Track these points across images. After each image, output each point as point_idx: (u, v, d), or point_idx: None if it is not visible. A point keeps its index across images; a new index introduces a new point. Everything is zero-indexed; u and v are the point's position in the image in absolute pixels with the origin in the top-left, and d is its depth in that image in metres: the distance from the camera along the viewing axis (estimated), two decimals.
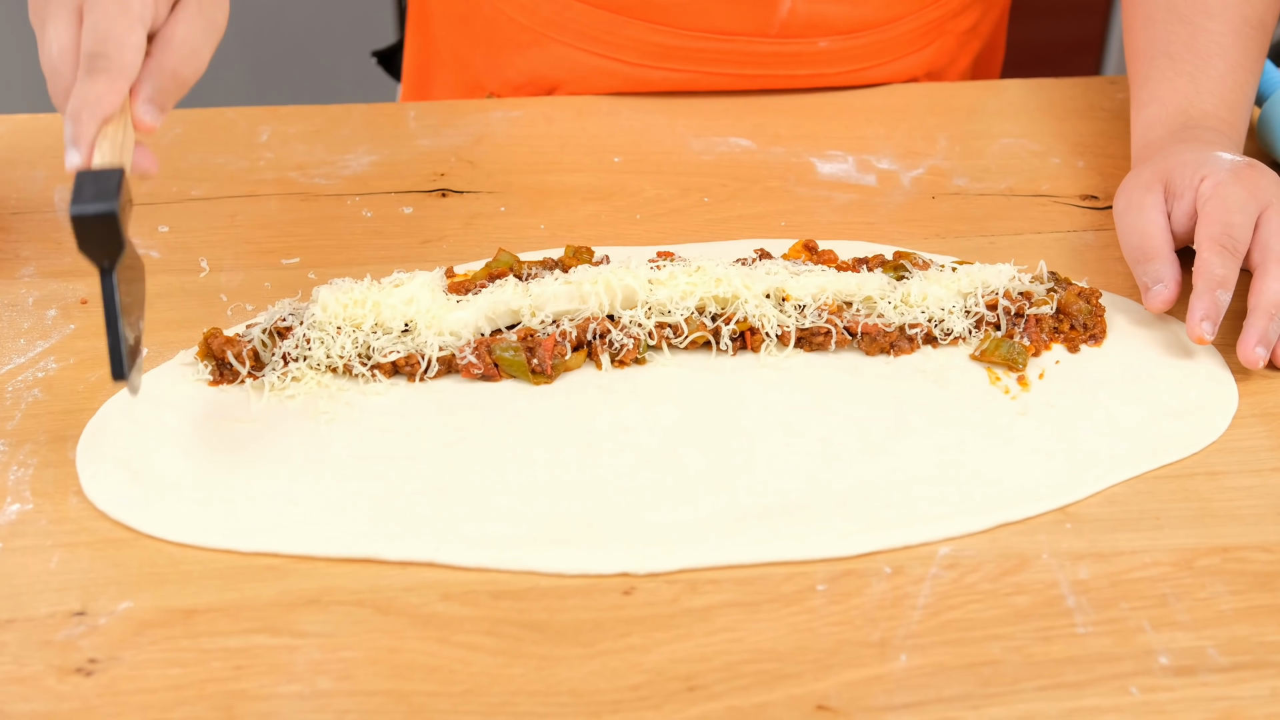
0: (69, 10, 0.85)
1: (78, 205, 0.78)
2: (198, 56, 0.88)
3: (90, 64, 0.83)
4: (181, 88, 0.87)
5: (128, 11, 0.83)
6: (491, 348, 0.96)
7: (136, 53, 0.84)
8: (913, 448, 0.91)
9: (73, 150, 0.82)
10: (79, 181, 0.79)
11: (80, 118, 0.81)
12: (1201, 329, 0.96)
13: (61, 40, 0.85)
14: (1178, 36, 1.15)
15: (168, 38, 0.87)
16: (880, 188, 1.21)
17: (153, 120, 0.85)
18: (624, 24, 1.31)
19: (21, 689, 0.74)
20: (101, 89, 0.82)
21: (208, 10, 0.89)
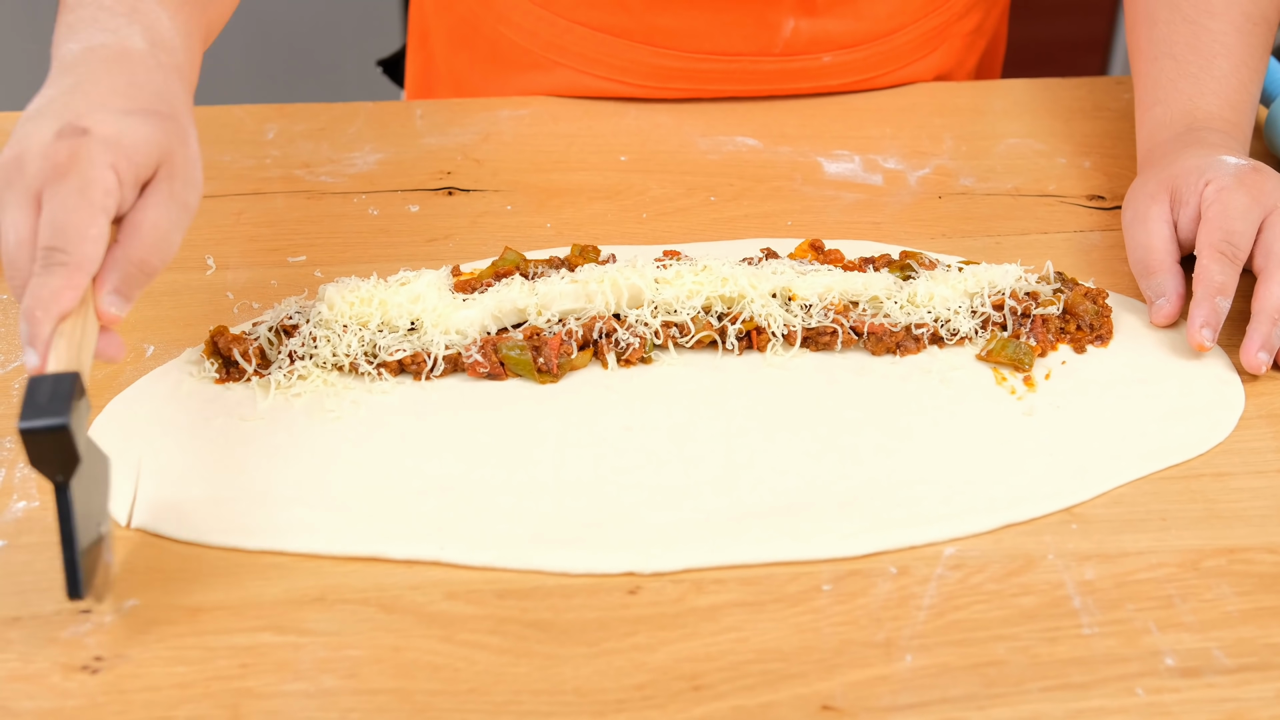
0: (26, 197, 0.78)
1: (27, 419, 0.72)
2: (167, 243, 0.82)
3: (47, 258, 0.76)
4: (149, 277, 0.81)
5: (89, 201, 0.77)
6: (498, 346, 0.96)
7: (97, 245, 0.78)
8: (918, 448, 0.91)
9: (30, 351, 0.76)
10: (29, 390, 0.73)
11: (35, 316, 0.76)
12: (1201, 336, 0.97)
13: (19, 230, 0.78)
14: (1181, 36, 1.15)
15: (136, 224, 0.81)
16: (887, 187, 1.21)
17: (118, 312, 0.79)
18: (626, 47, 1.30)
19: (27, 686, 0.74)
20: (58, 285, 0.76)
21: (179, 194, 0.83)
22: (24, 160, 0.79)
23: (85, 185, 0.77)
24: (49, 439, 0.72)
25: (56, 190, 0.78)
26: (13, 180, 0.79)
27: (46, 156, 0.78)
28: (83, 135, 0.78)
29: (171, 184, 0.82)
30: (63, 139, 0.78)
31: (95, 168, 0.78)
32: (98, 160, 0.78)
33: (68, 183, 0.77)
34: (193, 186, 0.84)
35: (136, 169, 0.80)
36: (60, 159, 0.78)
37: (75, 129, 0.79)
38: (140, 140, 0.80)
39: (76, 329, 0.77)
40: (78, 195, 0.77)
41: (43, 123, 0.80)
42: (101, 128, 0.79)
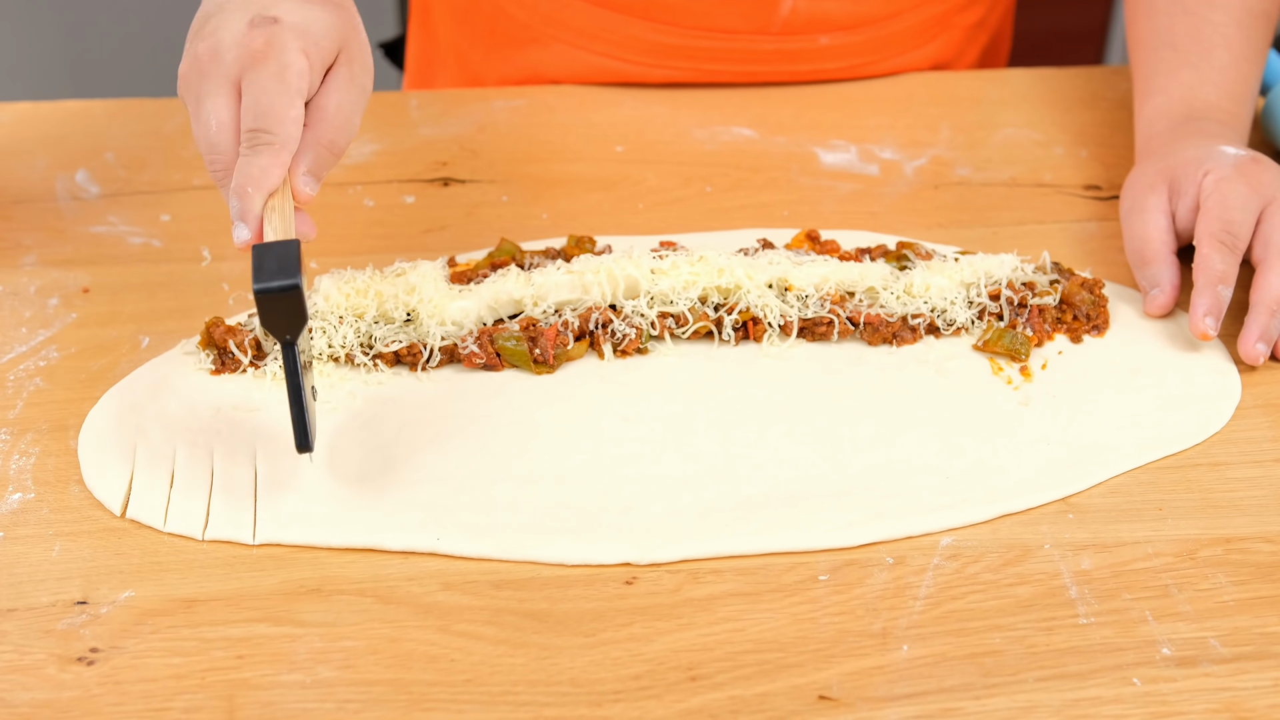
0: (226, 85, 0.84)
1: (261, 281, 0.77)
2: (351, 125, 0.87)
3: (253, 139, 0.82)
4: (336, 157, 0.87)
5: (287, 85, 0.83)
6: (494, 337, 0.96)
7: (297, 125, 0.83)
8: (915, 438, 0.91)
9: (241, 225, 0.82)
10: (258, 256, 0.78)
11: (246, 193, 0.82)
12: (1205, 324, 0.97)
13: (220, 115, 0.84)
14: (1181, 27, 1.15)
15: (322, 108, 0.86)
16: (883, 177, 1.21)
17: (312, 191, 0.85)
18: (625, 22, 1.30)
19: (23, 678, 0.74)
20: (265, 163, 0.82)
21: (358, 78, 0.88)
22: (220, 50, 0.84)
23: (282, 69, 0.83)
24: (282, 299, 0.77)
25: (256, 76, 0.83)
26: (210, 70, 0.84)
27: (243, 45, 0.83)
28: (275, 23, 0.84)
29: (351, 68, 0.88)
30: (256, 28, 0.84)
31: (289, 53, 0.83)
32: (291, 46, 0.83)
33: (266, 68, 0.83)
34: (368, 71, 0.89)
35: (323, 54, 0.86)
36: (256, 46, 0.83)
37: (266, 18, 0.84)
38: (324, 27, 0.86)
39: (283, 205, 0.82)
40: (276, 79, 0.83)
41: (231, 15, 0.85)
42: (290, 16, 0.85)
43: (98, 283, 1.05)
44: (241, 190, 0.82)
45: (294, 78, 0.83)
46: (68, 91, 2.50)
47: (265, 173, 0.82)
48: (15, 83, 2.50)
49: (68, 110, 1.29)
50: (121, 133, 1.25)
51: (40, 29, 2.44)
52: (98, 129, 1.26)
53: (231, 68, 0.84)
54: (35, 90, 2.48)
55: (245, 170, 0.82)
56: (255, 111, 0.82)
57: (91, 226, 1.12)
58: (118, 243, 1.10)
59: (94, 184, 1.17)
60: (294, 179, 0.85)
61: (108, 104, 1.30)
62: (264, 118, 0.82)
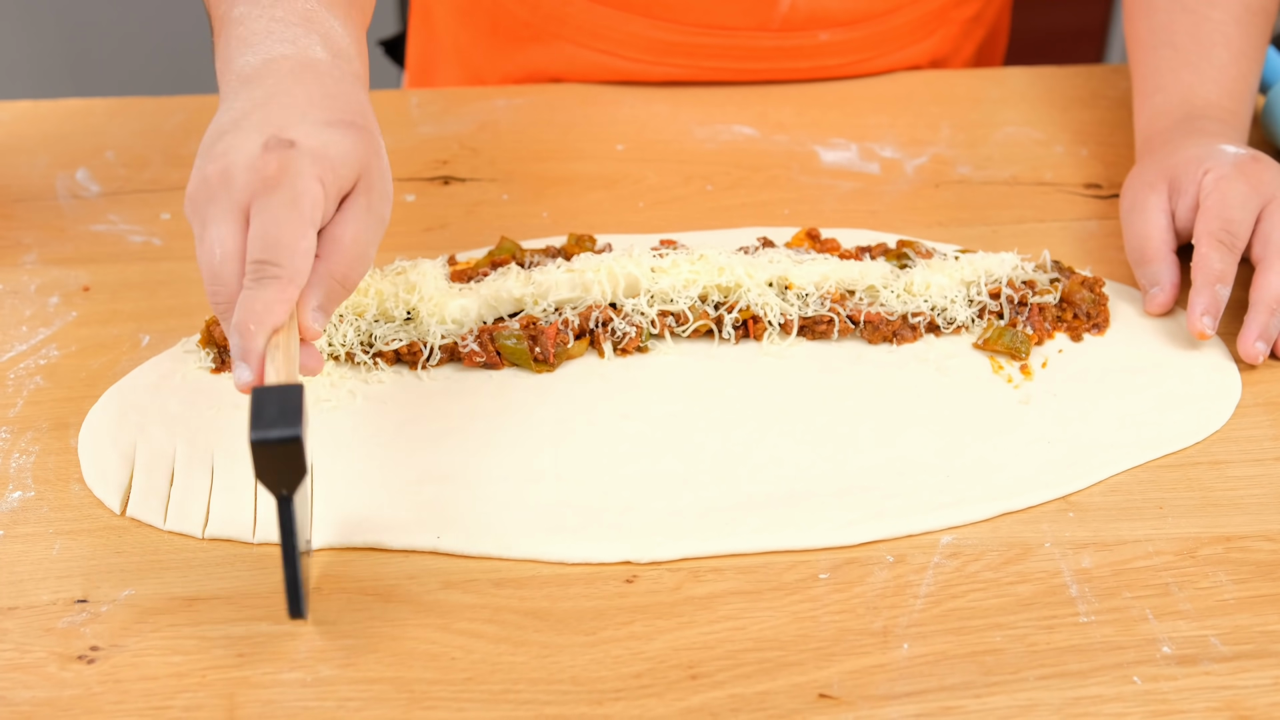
0: (234, 211, 0.78)
1: (259, 430, 0.71)
2: (366, 258, 0.81)
3: (259, 271, 0.76)
4: (349, 292, 0.81)
5: (299, 215, 0.77)
6: (494, 336, 0.96)
7: (307, 258, 0.77)
8: (915, 436, 0.91)
9: (242, 366, 0.76)
10: (257, 401, 0.72)
11: (248, 330, 0.75)
12: (1202, 324, 0.97)
13: (225, 245, 0.77)
14: (1181, 25, 1.15)
15: (336, 239, 0.80)
16: (883, 176, 1.21)
17: (320, 328, 0.80)
18: (625, 20, 1.30)
19: (23, 676, 0.74)
20: (270, 298, 0.76)
21: (376, 207, 0.82)
22: (231, 173, 0.77)
23: (295, 198, 0.77)
24: (280, 451, 0.71)
25: (267, 203, 0.77)
26: (218, 194, 0.78)
27: (255, 169, 0.77)
28: (290, 148, 0.77)
29: (369, 197, 0.81)
30: (270, 151, 0.77)
31: (304, 179, 0.77)
32: (306, 172, 0.77)
33: (278, 195, 0.77)
34: (386, 199, 0.83)
35: (340, 182, 0.79)
36: (269, 171, 0.77)
37: (282, 141, 0.78)
38: (343, 153, 0.79)
39: (287, 343, 0.77)
40: (288, 208, 0.76)
41: (245, 135, 0.78)
42: (307, 140, 0.78)
43: (98, 281, 1.05)
44: (243, 327, 0.76)
45: (308, 207, 0.77)
46: (68, 90, 2.50)
47: (269, 309, 0.76)
48: (16, 81, 2.50)
49: (68, 109, 1.29)
50: (122, 131, 1.25)
51: (41, 28, 2.45)
52: (98, 127, 1.26)
53: (241, 193, 0.77)
54: (36, 89, 2.48)
55: (248, 305, 0.76)
56: (263, 242, 0.76)
57: (92, 225, 1.12)
58: (118, 241, 1.10)
59: (94, 182, 1.17)
60: (302, 314, 0.79)
61: (108, 102, 1.30)
62: (272, 249, 0.76)
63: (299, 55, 0.84)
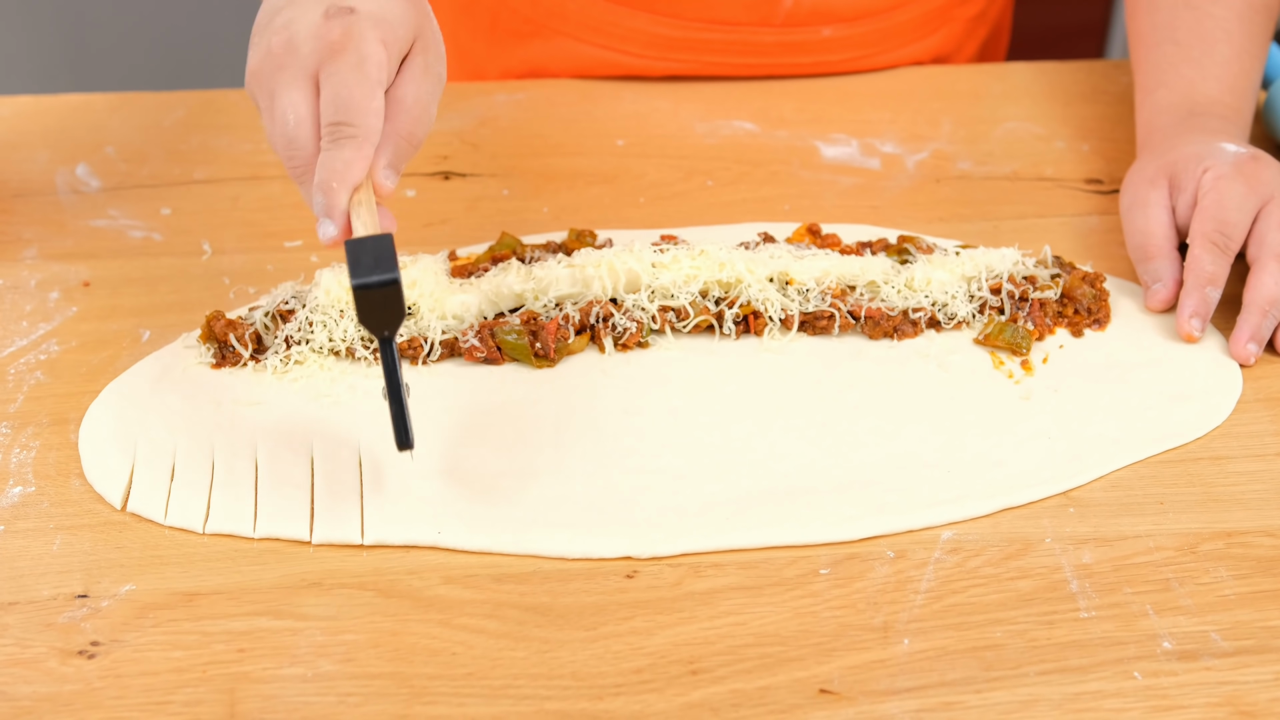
0: (303, 78, 0.81)
1: (359, 276, 0.76)
2: (428, 115, 0.85)
3: (335, 132, 0.80)
4: (415, 149, 0.85)
5: (366, 77, 0.80)
6: (494, 331, 0.95)
7: (379, 117, 0.81)
8: (916, 432, 0.91)
9: (327, 222, 0.80)
10: (354, 252, 0.77)
11: (331, 188, 0.79)
12: (1190, 326, 0.97)
13: (298, 110, 0.81)
14: (1183, 22, 1.15)
15: (400, 99, 0.84)
16: (884, 171, 1.21)
17: (392, 185, 0.83)
18: (627, 15, 1.30)
19: (24, 671, 0.74)
20: (350, 157, 0.80)
21: (433, 66, 0.86)
22: (296, 42, 0.81)
23: (361, 61, 0.81)
24: (380, 294, 0.76)
25: (336, 67, 0.80)
26: (286, 62, 0.81)
27: (320, 36, 0.81)
28: (351, 13, 0.81)
29: (426, 57, 0.85)
30: (333, 18, 0.81)
31: (368, 43, 0.81)
32: (369, 36, 0.81)
33: (345, 59, 0.80)
34: (441, 59, 0.87)
35: (399, 43, 0.83)
36: (334, 37, 0.81)
37: (343, 8, 0.82)
38: (399, 16, 0.83)
39: (365, 199, 0.80)
40: (356, 71, 0.80)
41: (304, 6, 0.82)
42: (366, 5, 0.82)
43: (98, 276, 1.05)
44: (326, 185, 0.80)
45: (374, 69, 0.81)
46: (68, 85, 2.49)
47: (350, 166, 0.80)
48: (16, 76, 2.50)
49: (68, 104, 1.29)
50: (122, 126, 1.25)
51: (41, 22, 2.44)
52: (98, 123, 1.25)
53: (309, 60, 0.81)
54: (36, 84, 2.47)
55: (329, 165, 0.80)
56: (336, 104, 0.80)
57: (92, 220, 1.12)
58: (118, 236, 1.10)
59: (94, 177, 1.17)
60: (375, 173, 0.83)
61: (108, 97, 1.30)
62: (346, 110, 0.80)
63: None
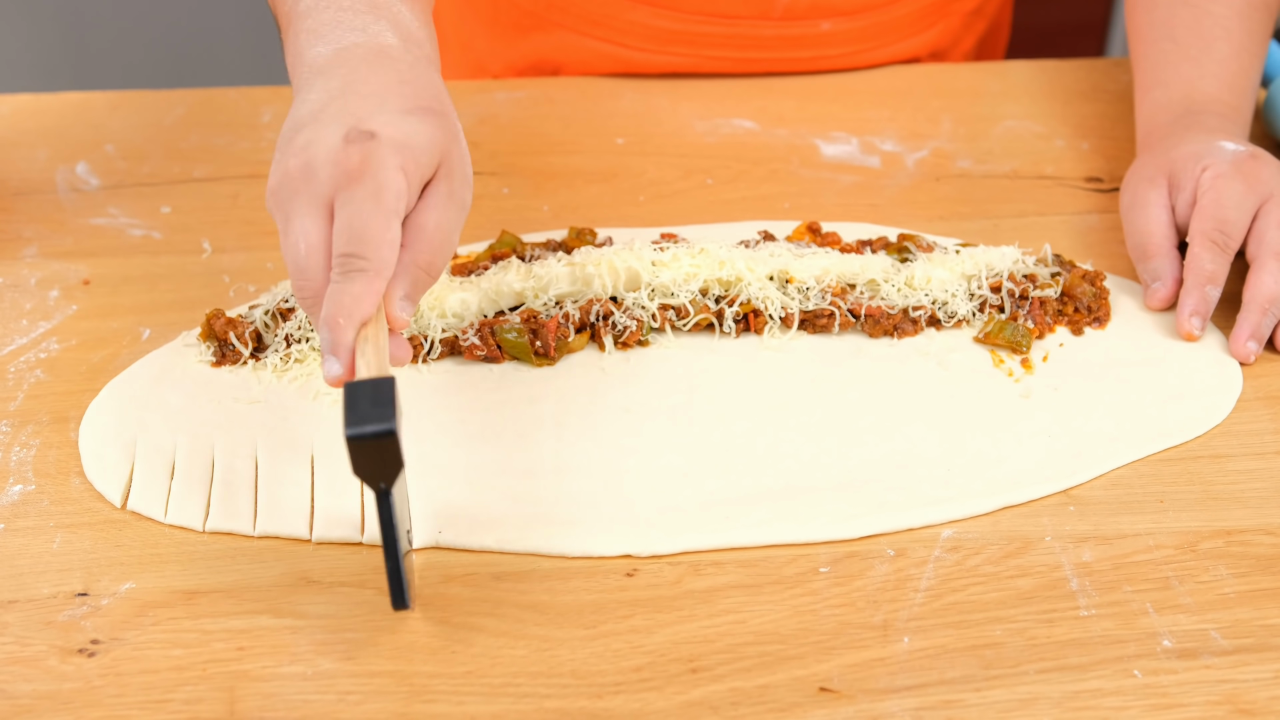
0: (318, 204, 0.77)
1: (354, 425, 0.71)
2: (450, 244, 0.81)
3: (346, 265, 0.76)
4: (433, 279, 0.81)
5: (384, 206, 0.76)
6: (494, 329, 0.95)
7: (393, 249, 0.77)
8: (916, 430, 0.91)
9: (332, 360, 0.75)
10: (351, 396, 0.72)
11: (337, 324, 0.75)
12: (1190, 325, 0.97)
13: (310, 238, 0.77)
14: (1182, 20, 1.15)
15: (420, 227, 0.79)
16: (884, 170, 1.20)
17: (408, 317, 0.79)
18: (627, 8, 1.30)
19: (24, 669, 0.74)
20: (359, 291, 0.75)
21: (457, 193, 0.81)
22: (313, 167, 0.77)
23: (379, 190, 0.76)
24: (375, 445, 0.71)
25: (351, 196, 0.76)
26: (301, 188, 0.77)
27: (337, 163, 0.77)
28: (371, 139, 0.77)
29: (450, 183, 0.81)
30: (352, 143, 0.77)
31: (387, 171, 0.77)
32: (389, 163, 0.77)
33: (362, 188, 0.76)
34: (467, 184, 0.83)
35: (421, 170, 0.79)
36: (352, 164, 0.76)
37: (363, 133, 0.77)
38: (424, 141, 0.79)
39: (376, 336, 0.76)
40: (373, 200, 0.76)
41: (325, 127, 0.78)
42: (388, 130, 0.78)
43: (98, 275, 1.05)
44: (333, 321, 0.75)
45: (391, 199, 0.77)
46: (68, 83, 2.49)
47: (358, 302, 0.75)
48: (15, 75, 2.50)
49: (68, 102, 1.28)
50: (122, 125, 1.25)
51: (40, 21, 2.44)
52: (98, 121, 1.25)
53: (324, 186, 0.77)
54: (35, 82, 2.47)
55: (337, 299, 0.75)
56: (349, 235, 0.76)
57: (92, 218, 1.12)
58: (118, 235, 1.10)
59: (94, 176, 1.17)
60: (389, 305, 0.78)
61: (108, 96, 1.30)
62: (358, 242, 0.76)
63: (371, 43, 0.84)
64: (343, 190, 0.77)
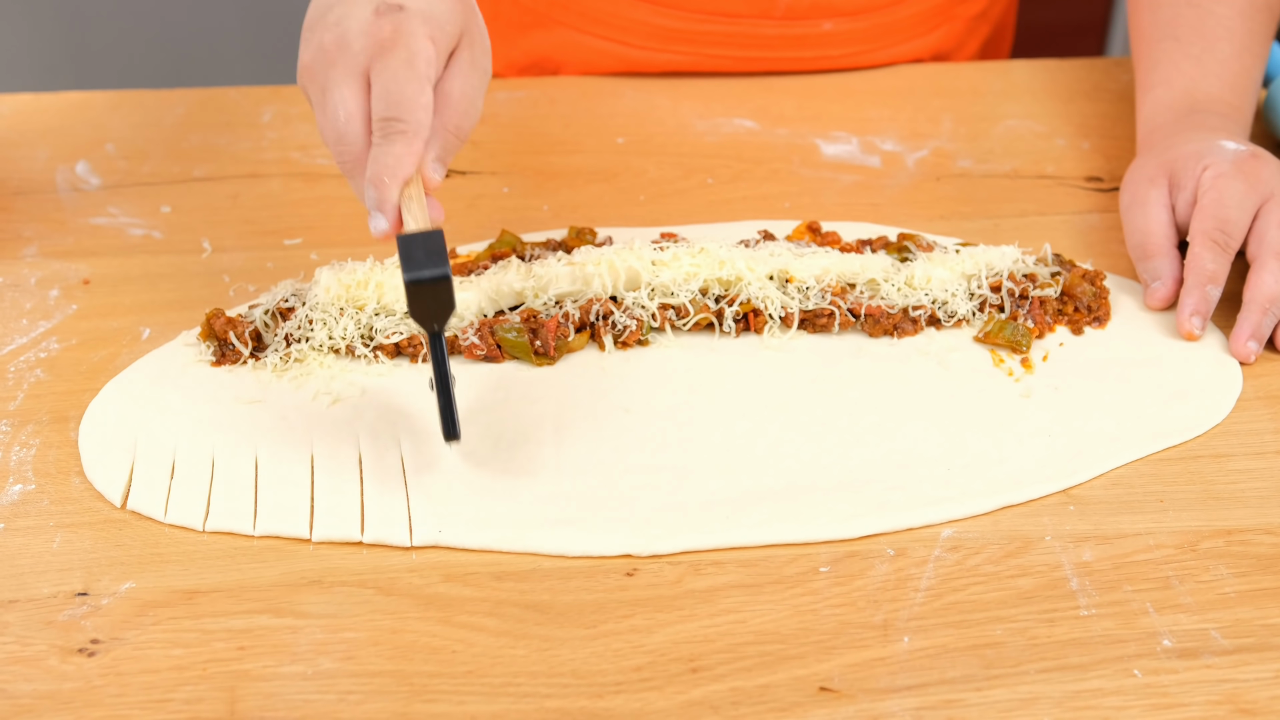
0: (354, 74, 0.83)
1: (411, 270, 0.78)
2: (474, 109, 0.87)
3: (386, 128, 0.82)
4: (461, 143, 0.87)
5: (416, 72, 0.82)
6: (494, 329, 0.95)
7: (428, 112, 0.83)
8: (916, 430, 0.91)
9: (379, 215, 0.82)
10: (405, 246, 0.79)
11: (382, 182, 0.81)
12: (1191, 324, 0.97)
13: (348, 105, 0.83)
14: (1185, 19, 1.14)
15: (447, 93, 0.86)
16: (885, 169, 1.20)
17: (440, 178, 0.85)
18: (628, 6, 1.30)
19: (24, 669, 0.74)
20: (400, 151, 0.81)
21: (479, 61, 0.88)
22: (347, 39, 0.83)
23: (412, 57, 0.82)
24: (431, 289, 0.79)
25: (386, 64, 0.82)
26: (337, 59, 0.83)
27: (370, 33, 0.83)
28: (401, 10, 0.83)
29: (472, 51, 0.87)
30: (383, 15, 0.83)
31: (418, 40, 0.83)
32: (419, 32, 0.83)
33: (395, 56, 0.82)
34: (487, 53, 0.89)
35: (447, 39, 0.85)
36: (385, 34, 0.83)
37: (392, 5, 0.83)
38: (446, 12, 0.86)
39: (415, 194, 0.82)
40: (407, 67, 0.82)
41: (355, 4, 0.84)
42: (415, 2, 0.84)
43: (98, 274, 1.05)
44: (378, 180, 0.82)
45: (423, 65, 0.83)
46: (68, 83, 2.49)
47: (400, 161, 0.82)
48: (16, 74, 2.50)
49: (68, 102, 1.28)
50: (122, 124, 1.25)
51: (41, 20, 2.44)
52: (98, 120, 1.25)
53: (359, 57, 0.83)
54: (36, 82, 2.47)
55: (380, 159, 0.82)
56: (387, 100, 0.82)
57: (92, 218, 1.12)
58: (118, 234, 1.10)
59: (94, 175, 1.17)
60: (424, 166, 0.85)
61: (108, 95, 1.30)
62: (397, 106, 0.82)
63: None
64: (377, 60, 0.83)
